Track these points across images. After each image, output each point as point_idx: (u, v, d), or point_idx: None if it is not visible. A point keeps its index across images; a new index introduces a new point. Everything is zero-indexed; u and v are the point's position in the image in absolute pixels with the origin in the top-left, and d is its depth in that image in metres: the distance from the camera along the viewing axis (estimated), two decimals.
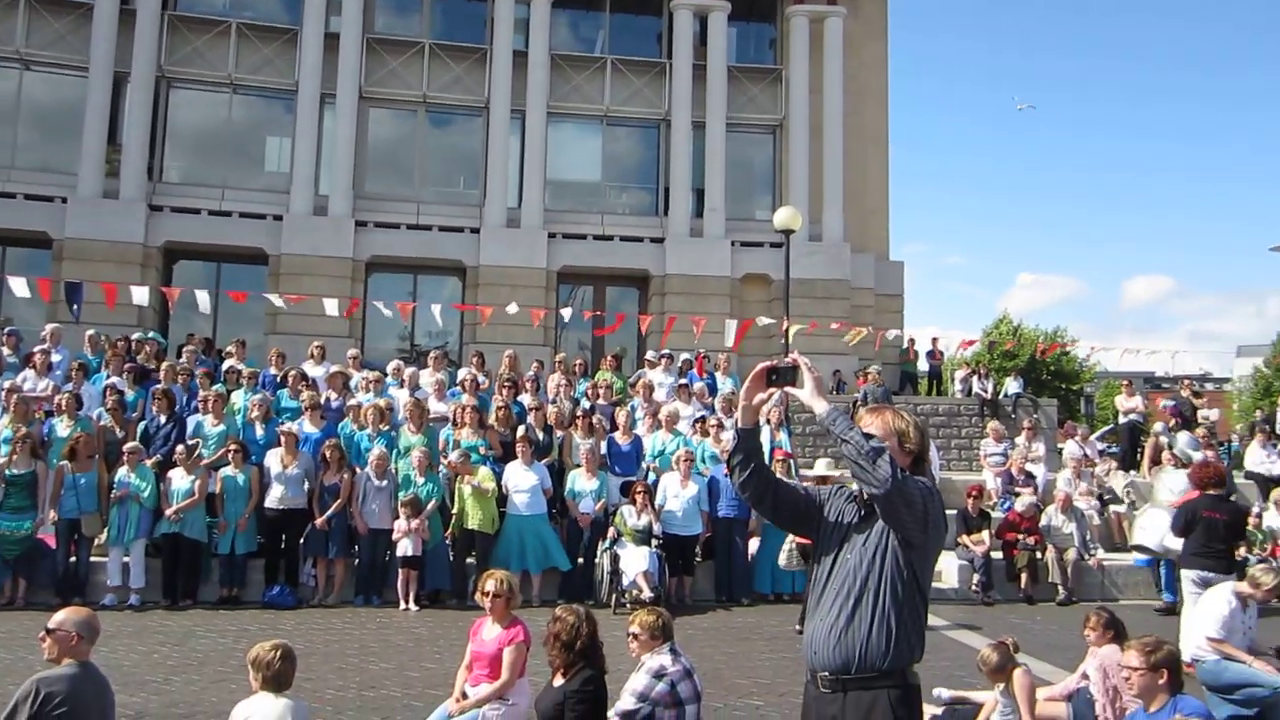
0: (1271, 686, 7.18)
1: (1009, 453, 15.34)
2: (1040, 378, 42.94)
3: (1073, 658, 7.59)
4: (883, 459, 2.92)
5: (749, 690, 7.86)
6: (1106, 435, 21.14)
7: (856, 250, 24.66)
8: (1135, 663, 4.82)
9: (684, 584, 11.83)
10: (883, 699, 3.05)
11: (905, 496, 3.00)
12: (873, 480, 2.94)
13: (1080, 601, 12.00)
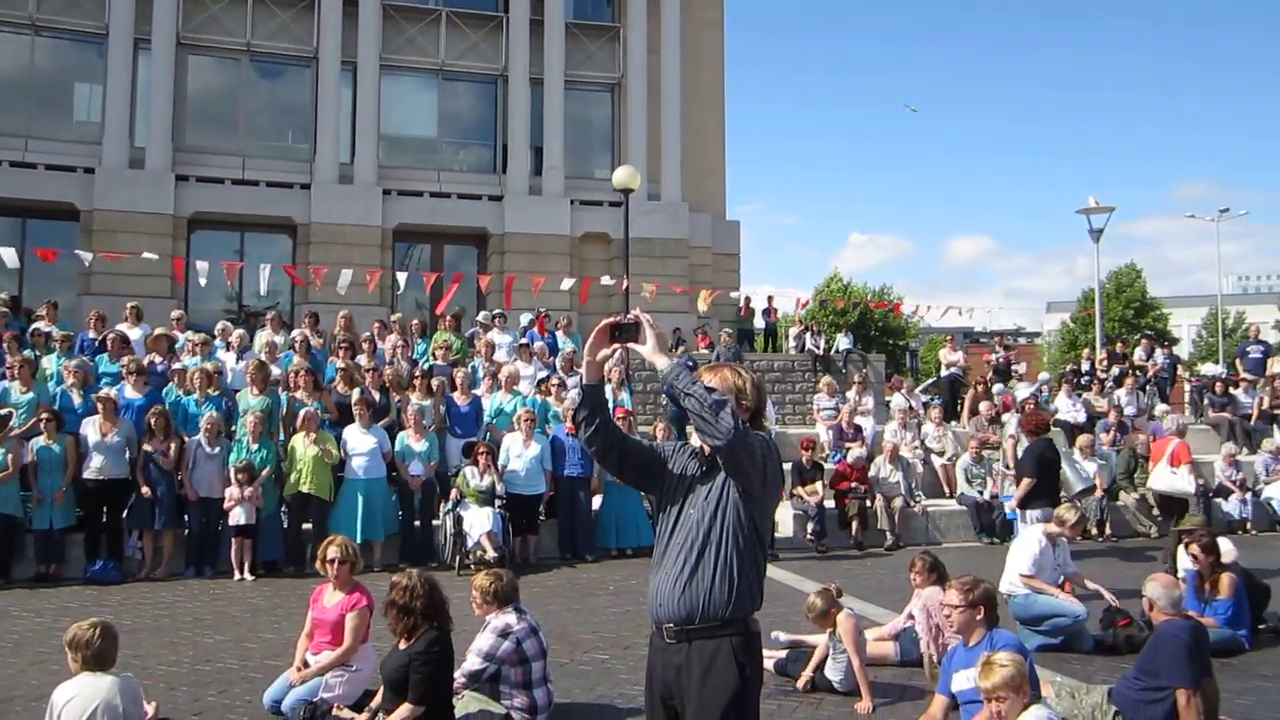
0: (1074, 616, 7.78)
1: (840, 407, 15.92)
2: (869, 334, 44.65)
3: (900, 599, 7.99)
4: (725, 411, 2.98)
5: (594, 644, 7.97)
6: (929, 388, 22.18)
7: (694, 210, 24.98)
8: (955, 601, 5.13)
9: (529, 543, 11.86)
10: (725, 646, 3.15)
11: (747, 448, 3.08)
12: (715, 432, 3.00)
13: (906, 546, 12.62)
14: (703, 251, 25.01)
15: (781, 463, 3.42)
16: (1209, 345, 57.31)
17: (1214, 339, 55.37)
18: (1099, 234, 23.28)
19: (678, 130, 24.79)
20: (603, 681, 6.90)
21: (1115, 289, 54.62)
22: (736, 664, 3.13)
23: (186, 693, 6.64)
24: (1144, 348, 20.56)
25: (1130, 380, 17.88)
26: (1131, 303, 54.29)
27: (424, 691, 4.97)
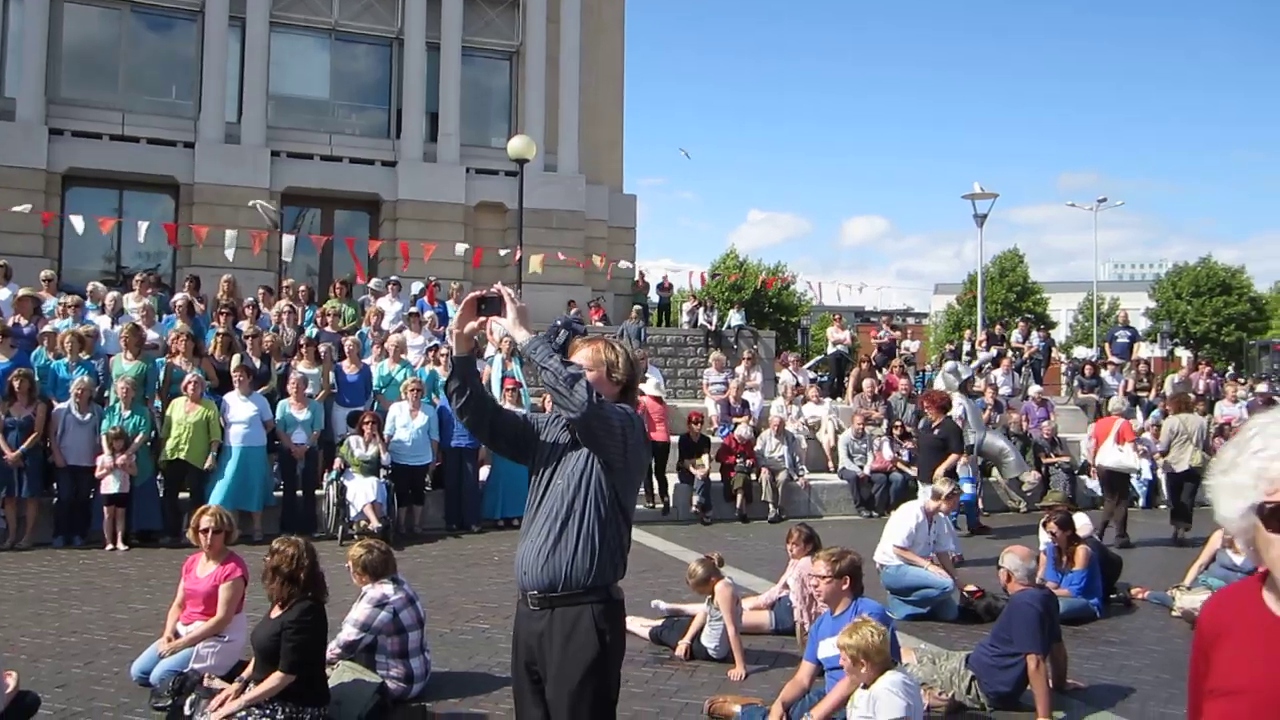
0: (941, 588, 8.11)
1: (729, 381, 16.18)
2: (763, 310, 45.37)
3: (780, 570, 8.20)
4: (579, 384, 3.04)
5: (475, 614, 7.99)
6: (817, 365, 22.68)
7: (591, 182, 24.95)
8: (822, 571, 5.31)
9: (414, 514, 11.79)
10: (587, 613, 3.23)
11: (603, 421, 3.15)
12: (570, 405, 3.06)
13: (789, 518, 12.91)
14: (598, 224, 25.03)
15: (646, 436, 3.49)
16: (1085, 329, 59.74)
17: (1089, 323, 57.73)
18: (983, 219, 24.06)
19: (576, 101, 24.69)
20: (482, 650, 6.94)
21: (999, 273, 56.53)
22: (597, 631, 3.21)
23: (50, 665, 6.46)
24: (1021, 330, 21.36)
25: (1007, 361, 18.57)
26: (1014, 286, 56.30)
27: (295, 660, 4.94)
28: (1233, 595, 1.82)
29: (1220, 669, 1.75)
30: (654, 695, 6.11)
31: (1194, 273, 56.37)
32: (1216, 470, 1.71)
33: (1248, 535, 1.65)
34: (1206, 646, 1.81)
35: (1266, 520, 1.60)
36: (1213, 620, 1.83)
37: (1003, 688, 5.86)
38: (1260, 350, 41.22)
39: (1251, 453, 1.63)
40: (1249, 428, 1.70)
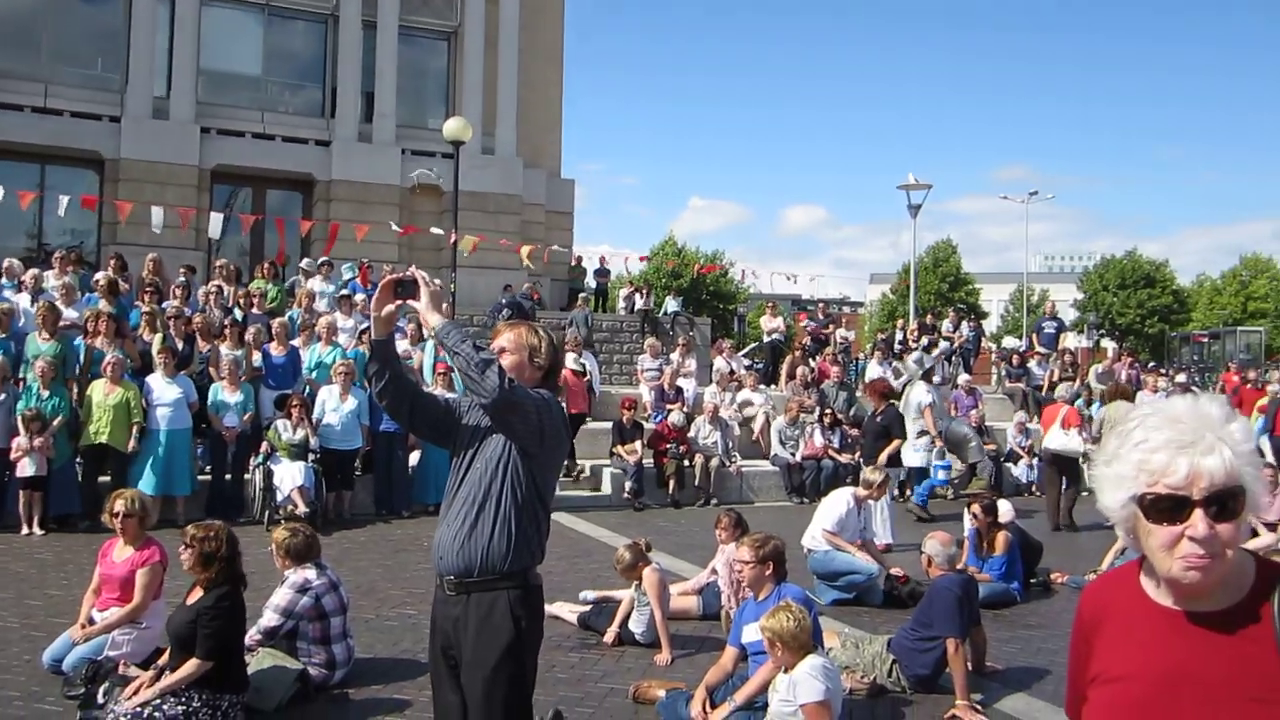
0: (867, 573, 8.23)
1: (664, 368, 16.22)
2: (701, 297, 45.53)
3: (710, 555, 8.24)
4: (491, 370, 3.02)
5: (403, 600, 7.93)
6: (752, 352, 22.79)
7: (529, 166, 24.78)
8: (746, 557, 5.36)
9: (343, 499, 11.65)
10: (503, 599, 3.22)
11: (516, 407, 3.13)
12: (481, 390, 3.04)
13: (721, 505, 12.99)
14: (536, 209, 24.88)
15: (566, 421, 3.48)
16: (1016, 320, 60.87)
17: (1020, 314, 58.86)
18: (917, 210, 24.36)
19: (514, 84, 24.47)
20: (407, 636, 6.88)
21: (933, 263, 57.38)
22: (513, 617, 3.20)
23: None
24: (951, 320, 21.68)
25: (937, 351, 18.85)
26: (947, 277, 57.19)
27: (212, 647, 4.86)
28: (1112, 582, 1.86)
29: (1103, 656, 1.78)
30: (579, 681, 6.12)
31: (1120, 266, 57.73)
32: (1100, 460, 1.74)
33: (1128, 524, 1.68)
34: (1088, 633, 1.84)
35: (1146, 510, 1.63)
36: (1093, 607, 1.86)
37: (923, 670, 5.96)
38: (1181, 342, 42.44)
39: (1133, 445, 1.66)
40: (1131, 420, 1.73)
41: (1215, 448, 1.60)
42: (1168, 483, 1.60)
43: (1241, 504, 1.61)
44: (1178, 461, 1.60)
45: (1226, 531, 1.59)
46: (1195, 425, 1.63)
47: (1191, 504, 1.59)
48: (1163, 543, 1.62)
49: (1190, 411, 1.66)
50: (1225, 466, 1.59)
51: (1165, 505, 1.61)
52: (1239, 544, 1.64)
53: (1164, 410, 1.69)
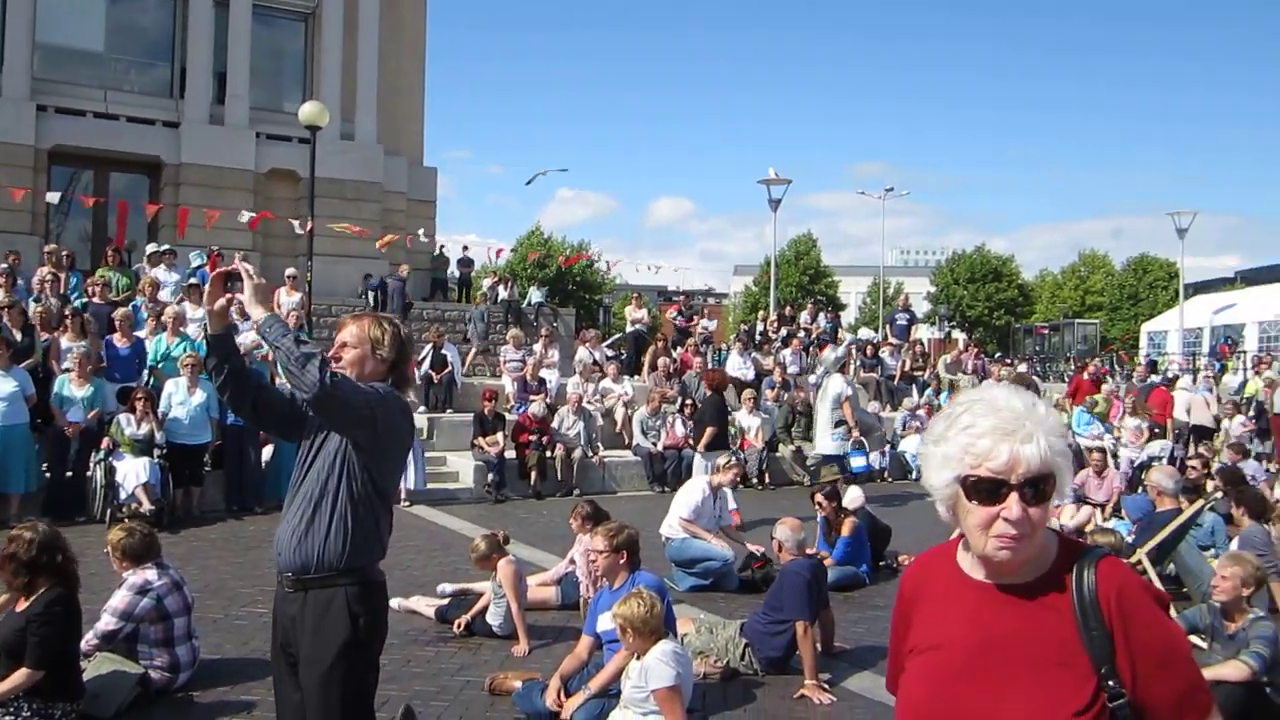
0: (723, 559, 8.40)
1: (527, 359, 16.16)
2: (567, 288, 45.50)
3: (570, 546, 8.27)
4: (311, 365, 2.97)
5: (254, 598, 7.71)
6: (616, 343, 22.94)
7: (390, 153, 24.23)
8: (600, 546, 5.41)
9: (192, 495, 11.23)
10: (340, 596, 3.18)
11: (340, 403, 3.08)
12: (301, 385, 2.99)
13: (584, 495, 13.06)
14: (397, 197, 24.36)
15: (406, 414, 3.42)
16: (873, 311, 62.84)
17: (877, 306, 60.79)
18: (777, 204, 24.92)
19: (375, 68, 23.87)
20: (257, 635, 6.69)
21: (795, 256, 58.73)
22: (350, 614, 3.16)
23: None
24: (809, 311, 22.28)
25: (796, 341, 19.33)
26: (808, 269, 58.60)
27: (42, 655, 4.63)
28: (931, 560, 1.98)
29: (920, 628, 1.90)
30: (435, 674, 6.08)
31: (970, 260, 60.19)
32: (928, 441, 1.85)
33: (950, 502, 1.79)
34: (907, 609, 1.96)
35: (967, 490, 1.74)
36: (913, 584, 1.98)
37: (774, 653, 6.14)
38: (1024, 333, 44.59)
39: (961, 428, 1.77)
40: (959, 404, 1.84)
41: (1034, 436, 1.72)
42: (990, 466, 1.72)
43: (1052, 488, 1.74)
44: (1000, 448, 1.72)
45: (1037, 514, 1.72)
46: (1017, 414, 1.75)
47: (1009, 487, 1.71)
48: (980, 522, 1.74)
49: (1010, 401, 1.78)
50: (1041, 454, 1.71)
51: (985, 487, 1.72)
52: (1046, 524, 1.76)
53: (988, 398, 1.80)
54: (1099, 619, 1.72)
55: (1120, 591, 1.74)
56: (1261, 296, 34.78)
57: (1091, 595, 1.74)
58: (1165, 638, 1.75)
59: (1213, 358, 28.71)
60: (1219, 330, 32.81)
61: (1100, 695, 1.69)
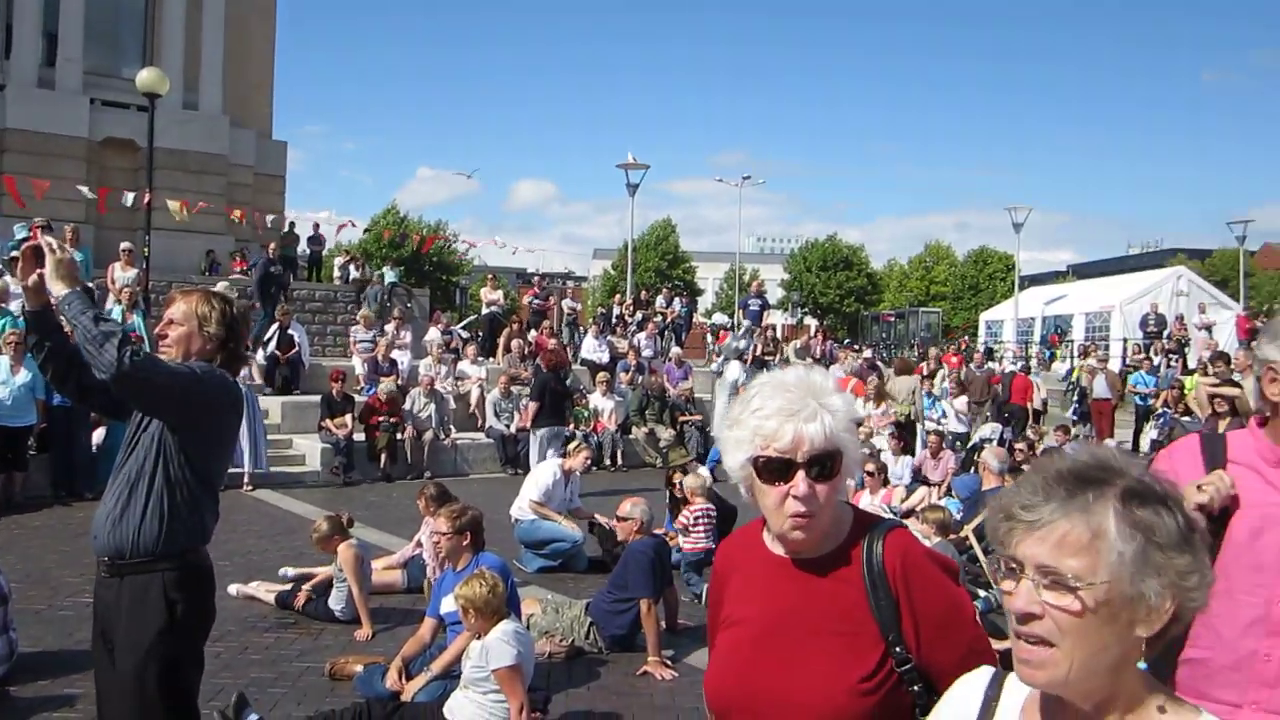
0: (572, 540, 8.47)
1: (378, 339, 15.86)
2: (424, 269, 44.74)
3: (419, 529, 8.20)
4: (110, 343, 2.85)
5: (80, 588, 7.33)
6: (470, 324, 22.71)
7: (237, 124, 23.34)
8: (443, 528, 5.38)
9: (14, 480, 10.62)
10: (157, 581, 3.07)
11: (141, 383, 2.96)
12: (99, 364, 2.88)
13: (435, 477, 12.91)
14: (244, 170, 23.50)
15: (231, 394, 3.28)
16: (729, 297, 63.95)
17: (733, 292, 61.88)
18: (635, 189, 25.11)
19: (221, 35, 22.89)
20: (83, 627, 6.34)
21: (655, 241, 59.23)
22: (166, 600, 3.06)
23: None
24: (664, 296, 22.54)
25: (651, 325, 19.54)
26: (666, 255, 59.19)
27: None
28: (740, 538, 2.05)
29: (729, 603, 1.97)
30: (274, 661, 5.95)
31: (823, 249, 61.91)
32: (725, 425, 1.89)
33: (747, 483, 1.85)
34: (720, 585, 2.03)
35: (759, 471, 1.80)
36: (725, 561, 2.05)
37: (618, 631, 6.23)
38: (872, 321, 46.21)
39: (752, 411, 1.82)
40: (752, 388, 1.90)
41: (818, 415, 1.78)
42: (777, 447, 1.77)
43: (839, 466, 1.80)
44: (785, 427, 1.76)
45: (824, 491, 1.78)
46: (802, 394, 1.80)
47: (795, 466, 1.76)
48: (773, 501, 1.79)
49: (799, 381, 1.83)
50: (825, 432, 1.77)
51: (774, 467, 1.78)
52: (836, 500, 1.83)
53: (778, 380, 1.86)
54: (886, 587, 1.81)
55: (905, 560, 1.83)
56: (1089, 289, 36.80)
57: (879, 565, 1.82)
58: (947, 602, 1.85)
59: (1043, 346, 30.32)
60: (1050, 320, 34.60)
61: (888, 660, 1.78)
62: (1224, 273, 51.67)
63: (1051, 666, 1.28)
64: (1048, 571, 1.27)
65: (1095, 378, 17.63)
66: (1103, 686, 1.30)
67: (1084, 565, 1.26)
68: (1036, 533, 1.29)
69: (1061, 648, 1.27)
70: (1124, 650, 1.29)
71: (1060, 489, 1.30)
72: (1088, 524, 1.27)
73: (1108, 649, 1.28)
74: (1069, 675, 1.28)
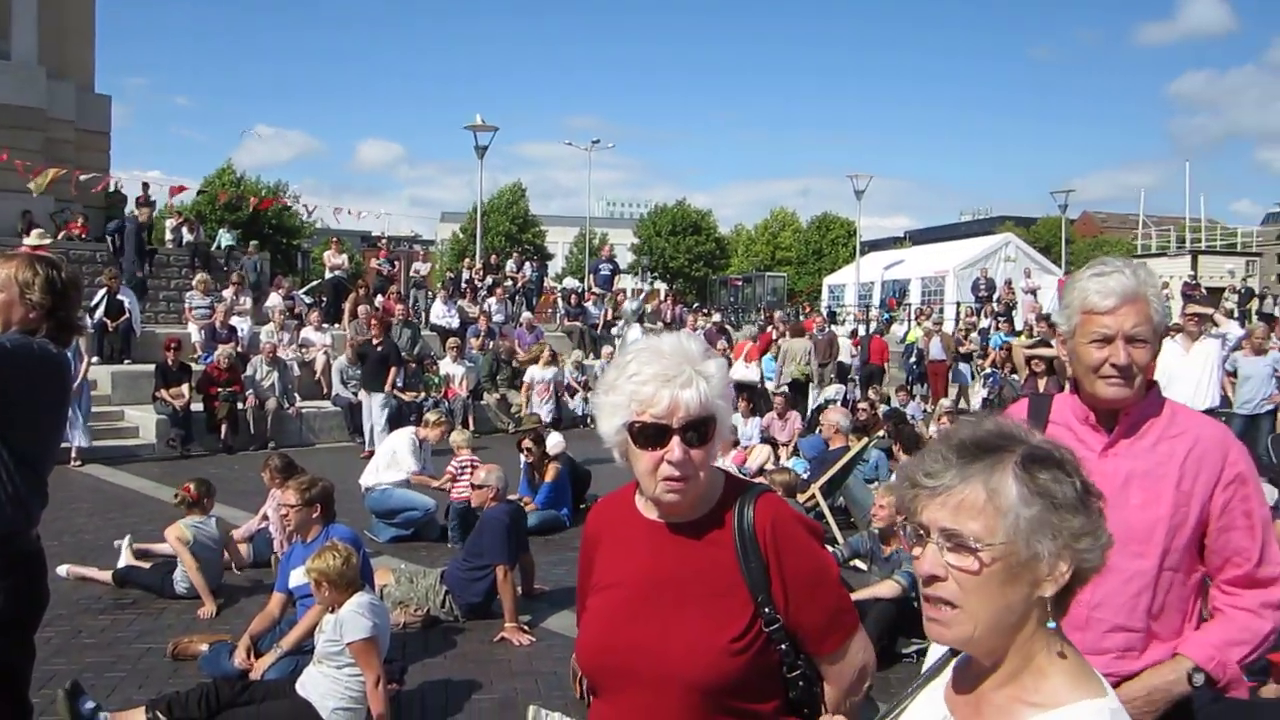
0: (424, 509, 8.37)
1: (216, 305, 15.21)
2: (263, 231, 43.00)
3: (263, 502, 7.94)
4: None
5: None
6: (313, 290, 22.05)
7: (54, 76, 21.76)
8: (292, 500, 5.22)
9: None
10: None
11: None
12: None
13: (279, 448, 12.52)
14: (64, 125, 21.94)
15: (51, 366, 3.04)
16: (579, 261, 63.91)
17: (583, 256, 61.86)
18: (484, 150, 24.72)
19: None
20: None
21: (504, 205, 58.59)
22: None
23: None
24: (515, 260, 22.35)
25: (501, 290, 19.35)
26: (516, 219, 58.66)
27: None
28: (612, 502, 2.06)
29: (601, 567, 1.98)
30: (111, 644, 5.69)
31: (672, 214, 62.47)
32: (600, 391, 1.89)
33: (622, 449, 1.86)
34: (591, 549, 2.03)
35: (634, 436, 1.81)
36: (596, 525, 2.06)
37: (475, 599, 6.20)
38: (720, 285, 46.93)
39: (628, 376, 1.82)
40: (628, 353, 1.90)
41: (693, 381, 1.79)
42: (653, 412, 1.78)
43: (713, 431, 1.82)
44: (662, 393, 1.78)
45: (699, 455, 1.80)
46: (677, 360, 1.81)
47: (671, 431, 1.78)
48: (648, 466, 1.81)
49: (674, 348, 1.84)
50: (700, 398, 1.79)
51: (649, 432, 1.79)
52: (710, 465, 1.86)
53: (654, 345, 1.86)
54: (756, 550, 1.85)
55: (775, 523, 1.87)
56: (925, 255, 38.35)
57: (750, 529, 1.86)
58: (814, 564, 1.91)
59: (882, 309, 31.47)
60: (889, 285, 35.91)
61: (757, 621, 1.83)
62: (1047, 239, 54.72)
63: (957, 625, 1.34)
64: (950, 534, 1.33)
65: (931, 340, 18.40)
66: (1006, 645, 1.36)
67: (983, 527, 1.32)
68: (939, 498, 1.34)
69: (965, 608, 1.33)
70: (1027, 610, 1.35)
71: (962, 456, 1.36)
72: (986, 488, 1.33)
73: (1011, 609, 1.34)
74: (974, 634, 1.34)
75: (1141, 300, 2.23)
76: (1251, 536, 2.23)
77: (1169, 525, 2.23)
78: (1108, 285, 2.24)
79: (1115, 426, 2.30)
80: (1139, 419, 2.30)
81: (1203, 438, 2.28)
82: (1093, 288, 2.26)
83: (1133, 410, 2.29)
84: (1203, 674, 2.22)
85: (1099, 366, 2.25)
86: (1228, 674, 2.23)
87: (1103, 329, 2.23)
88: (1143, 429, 2.29)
